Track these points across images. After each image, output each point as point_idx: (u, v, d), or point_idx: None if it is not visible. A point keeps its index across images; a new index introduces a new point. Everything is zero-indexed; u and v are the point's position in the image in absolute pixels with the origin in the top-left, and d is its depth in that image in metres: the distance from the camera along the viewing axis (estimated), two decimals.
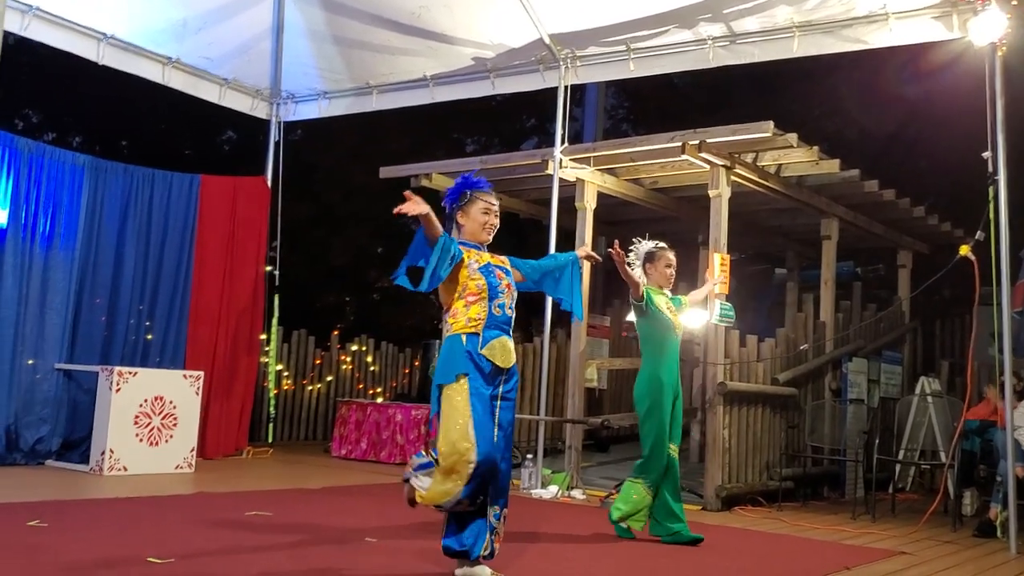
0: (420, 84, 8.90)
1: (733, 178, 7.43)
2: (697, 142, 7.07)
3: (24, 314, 7.47)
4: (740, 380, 7.35)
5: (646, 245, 5.80)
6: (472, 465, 3.87)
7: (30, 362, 7.51)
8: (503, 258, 4.33)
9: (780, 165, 8.10)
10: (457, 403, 3.96)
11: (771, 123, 6.98)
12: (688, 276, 10.76)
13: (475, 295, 4.08)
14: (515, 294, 4.24)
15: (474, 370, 4.00)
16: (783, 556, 5.28)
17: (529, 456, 7.65)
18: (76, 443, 7.61)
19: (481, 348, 4.03)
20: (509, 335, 4.17)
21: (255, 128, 10.85)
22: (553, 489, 7.20)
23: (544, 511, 6.34)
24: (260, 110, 9.59)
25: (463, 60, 8.49)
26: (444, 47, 8.40)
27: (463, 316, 4.08)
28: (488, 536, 4.00)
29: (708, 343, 7.37)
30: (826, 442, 7.88)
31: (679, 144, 7.14)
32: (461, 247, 4.10)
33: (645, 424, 5.42)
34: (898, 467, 8.22)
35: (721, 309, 7.14)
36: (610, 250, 5.20)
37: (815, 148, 7.71)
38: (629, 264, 5.48)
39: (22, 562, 3.92)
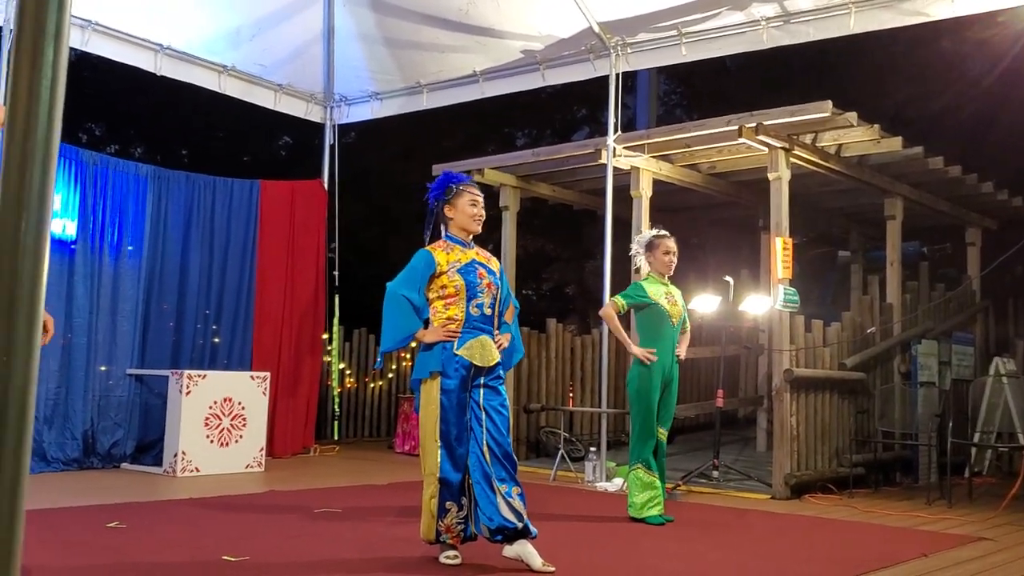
0: (470, 80, 8.91)
1: (792, 160, 7.29)
2: (754, 125, 6.96)
3: (96, 322, 7.67)
4: (806, 366, 7.22)
5: (647, 233, 5.86)
6: (436, 477, 4.06)
7: (103, 368, 7.72)
8: (489, 256, 4.38)
9: (840, 145, 7.93)
10: (428, 401, 4.11)
11: (829, 103, 6.85)
12: (750, 262, 10.63)
13: (453, 296, 4.15)
14: (497, 292, 4.26)
15: (448, 370, 4.09)
16: (857, 543, 5.17)
17: (592, 449, 7.62)
18: (149, 446, 7.80)
19: (457, 349, 4.09)
20: (490, 334, 4.21)
21: (310, 132, 10.97)
22: (618, 482, 7.15)
23: (609, 504, 6.31)
24: (314, 114, 9.70)
25: (512, 53, 8.47)
26: (493, 41, 8.39)
27: (442, 315, 4.16)
28: (512, 509, 4.04)
29: (773, 330, 7.25)
30: (897, 427, 7.70)
31: (736, 128, 7.03)
32: (442, 248, 4.21)
33: (634, 406, 5.57)
34: (974, 450, 8.00)
35: (785, 294, 7.01)
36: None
37: (876, 126, 7.53)
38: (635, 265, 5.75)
39: (104, 563, 4.02)
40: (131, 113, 15.43)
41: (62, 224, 7.47)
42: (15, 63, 1.08)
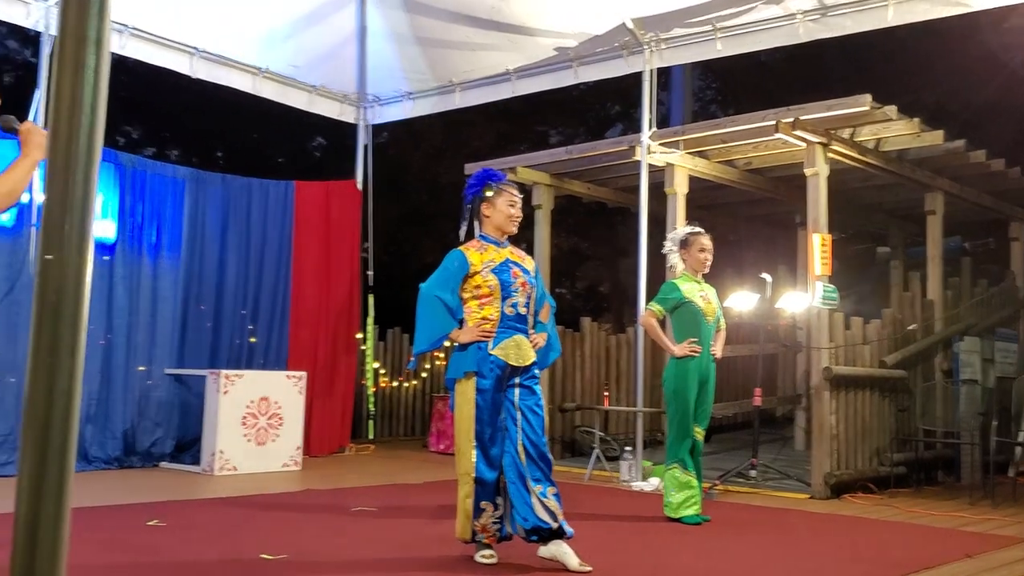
0: (502, 78, 8.90)
1: (830, 155, 7.19)
2: (791, 120, 6.87)
3: (135, 323, 7.77)
4: (846, 364, 7.13)
5: (681, 230, 5.80)
6: (471, 476, 4.06)
7: (142, 369, 7.81)
8: (523, 255, 4.35)
9: (879, 140, 7.82)
10: (463, 401, 4.10)
11: (868, 96, 6.74)
12: (787, 259, 10.52)
13: (487, 296, 4.13)
14: (532, 291, 4.24)
15: (484, 370, 4.07)
16: (899, 544, 5.09)
17: (628, 448, 7.58)
18: (188, 445, 7.89)
19: (492, 348, 4.07)
20: (525, 333, 4.18)
21: (343, 132, 11.03)
22: (654, 481, 7.10)
23: (645, 503, 6.27)
24: (348, 114, 9.74)
25: (545, 51, 8.45)
26: (525, 39, 8.37)
27: (477, 315, 4.15)
28: (547, 509, 4.02)
29: (811, 327, 7.16)
30: (939, 425, 7.57)
31: (772, 123, 6.95)
32: (476, 247, 4.20)
33: (670, 406, 5.53)
34: (1018, 449, 7.84)
35: (824, 291, 6.91)
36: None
37: (916, 120, 7.41)
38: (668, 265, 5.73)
39: (144, 560, 4.06)
40: (167, 116, 15.62)
41: (102, 227, 7.57)
42: (58, 69, 1.08)
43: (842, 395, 7.00)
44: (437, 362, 11.78)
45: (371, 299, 9.49)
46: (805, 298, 7.17)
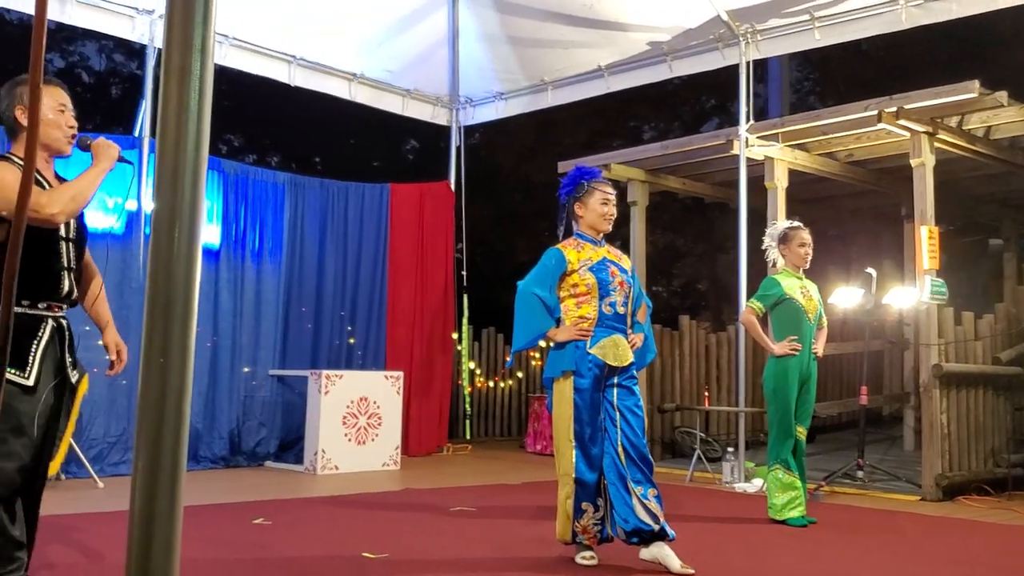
0: (595, 75, 8.84)
1: (937, 145, 6.91)
2: (894, 109, 6.63)
3: (240, 325, 8.00)
4: (957, 361, 6.84)
5: (780, 225, 5.68)
6: (571, 477, 4.01)
7: (246, 370, 8.04)
8: (620, 254, 4.29)
9: (989, 127, 7.47)
10: (561, 401, 4.06)
11: (976, 82, 6.46)
12: (893, 253, 10.16)
13: (585, 294, 4.08)
14: (630, 291, 4.17)
15: (581, 369, 4.02)
16: (1018, 550, 4.85)
17: (730, 449, 7.43)
18: (291, 444, 8.08)
19: (590, 348, 4.01)
20: (623, 333, 4.12)
21: (436, 135, 11.15)
22: (757, 483, 6.95)
23: (749, 505, 6.13)
24: (441, 116, 9.83)
25: (638, 46, 8.36)
26: (618, 35, 8.30)
27: (574, 314, 4.10)
28: (648, 511, 3.97)
29: (919, 323, 6.89)
30: None
31: (875, 113, 6.71)
32: (573, 245, 4.17)
33: (771, 406, 5.41)
34: None
35: (932, 286, 6.64)
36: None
37: None
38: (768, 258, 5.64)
39: (249, 557, 4.17)
40: (267, 123, 16.06)
41: (207, 232, 7.82)
42: (164, 77, 1.10)
43: (953, 393, 6.72)
44: (533, 362, 11.79)
45: (465, 299, 9.56)
46: (913, 293, 6.91)
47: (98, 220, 7.01)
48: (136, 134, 7.43)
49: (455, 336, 9.59)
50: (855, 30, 7.41)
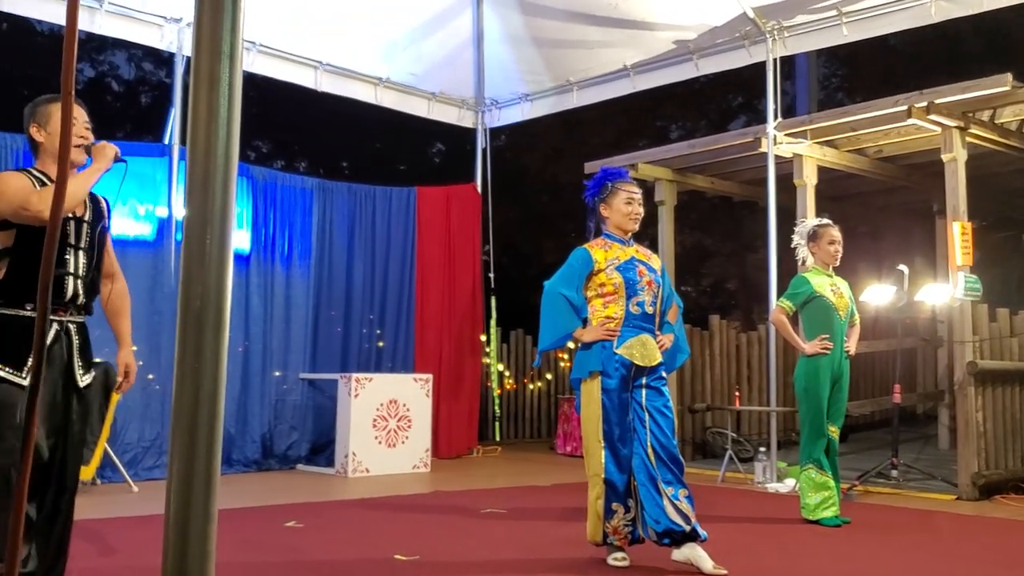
0: (621, 75, 8.82)
1: (968, 139, 6.82)
2: (924, 104, 6.55)
3: (270, 330, 8.07)
4: (992, 358, 6.74)
5: (809, 223, 5.63)
6: (601, 478, 4.01)
7: (277, 374, 8.10)
8: (650, 253, 4.27)
9: (1022, 121, 7.36)
10: (589, 401, 4.04)
11: (1009, 76, 6.36)
12: (925, 249, 10.04)
13: (612, 294, 4.07)
14: (658, 290, 4.15)
15: (608, 369, 4.01)
16: None
17: (762, 449, 7.38)
18: (322, 447, 8.12)
19: (617, 348, 3.99)
20: (652, 333, 4.09)
21: (462, 137, 11.16)
22: (790, 483, 6.88)
23: (782, 505, 6.08)
24: (466, 119, 9.85)
25: (664, 45, 8.33)
26: (643, 34, 8.27)
27: (601, 314, 4.09)
28: (679, 512, 3.95)
29: (953, 320, 6.81)
30: None
31: (904, 108, 6.63)
32: (600, 245, 4.16)
33: (802, 406, 5.36)
34: None
35: (966, 282, 6.55)
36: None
37: None
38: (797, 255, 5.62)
39: (282, 560, 4.20)
40: (295, 129, 16.18)
41: (237, 237, 7.89)
42: (194, 84, 1.11)
43: (988, 391, 6.62)
44: (562, 364, 11.78)
45: (493, 301, 9.57)
46: (946, 290, 6.82)
47: (129, 227, 7.10)
48: (166, 141, 7.51)
49: (483, 338, 9.60)
50: (883, 25, 7.33)
